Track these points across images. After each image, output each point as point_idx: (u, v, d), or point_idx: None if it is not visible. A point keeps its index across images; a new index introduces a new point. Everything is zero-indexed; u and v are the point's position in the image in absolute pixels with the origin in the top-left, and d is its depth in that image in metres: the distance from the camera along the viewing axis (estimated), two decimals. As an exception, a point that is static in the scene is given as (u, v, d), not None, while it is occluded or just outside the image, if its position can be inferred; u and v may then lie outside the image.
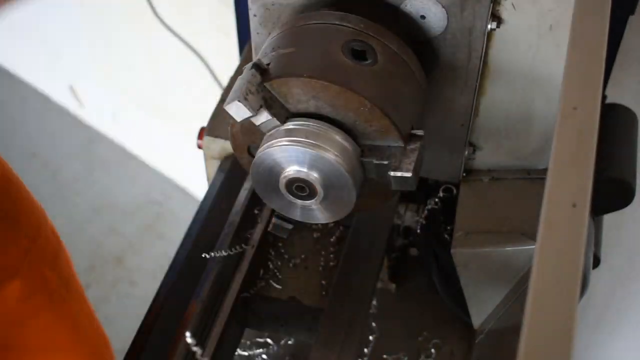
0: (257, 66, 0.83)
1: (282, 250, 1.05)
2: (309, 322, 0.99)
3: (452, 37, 0.92)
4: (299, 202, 0.88)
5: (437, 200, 1.09)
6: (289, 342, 1.08)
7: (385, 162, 0.84)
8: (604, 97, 1.11)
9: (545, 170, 1.02)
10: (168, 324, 0.92)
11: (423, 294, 0.93)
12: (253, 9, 0.96)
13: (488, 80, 0.99)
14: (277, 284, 1.05)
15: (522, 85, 0.98)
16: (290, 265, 1.04)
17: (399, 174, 0.84)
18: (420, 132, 0.86)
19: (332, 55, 0.85)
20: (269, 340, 1.08)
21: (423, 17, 0.91)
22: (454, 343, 1.06)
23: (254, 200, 1.07)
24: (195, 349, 0.87)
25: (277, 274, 1.06)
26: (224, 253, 0.99)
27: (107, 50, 2.63)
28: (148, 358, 0.88)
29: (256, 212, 1.08)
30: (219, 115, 1.23)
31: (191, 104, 2.50)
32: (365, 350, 1.07)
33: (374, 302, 1.10)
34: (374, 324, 1.10)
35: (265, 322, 1.01)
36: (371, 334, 1.08)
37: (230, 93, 0.82)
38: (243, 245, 1.02)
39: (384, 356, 1.06)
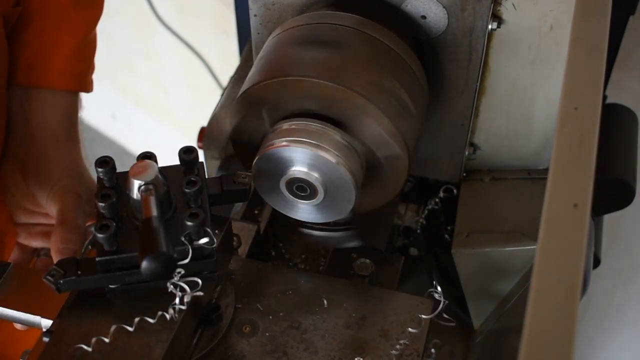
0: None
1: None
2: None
3: (452, 37, 0.92)
4: (300, 202, 0.88)
5: (437, 200, 1.09)
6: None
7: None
8: (604, 97, 1.11)
9: (545, 171, 1.03)
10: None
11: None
12: (254, 8, 0.96)
13: (488, 80, 0.99)
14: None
15: (523, 85, 0.98)
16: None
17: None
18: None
19: (332, 55, 0.85)
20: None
21: (424, 17, 0.91)
22: (454, 343, 1.06)
23: (254, 200, 1.07)
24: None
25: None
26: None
27: (107, 50, 2.62)
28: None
29: (256, 212, 1.09)
30: (219, 115, 1.23)
31: (191, 104, 2.50)
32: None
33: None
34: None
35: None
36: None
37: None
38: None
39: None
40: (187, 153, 0.84)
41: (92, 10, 1.04)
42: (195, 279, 0.78)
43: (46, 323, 0.83)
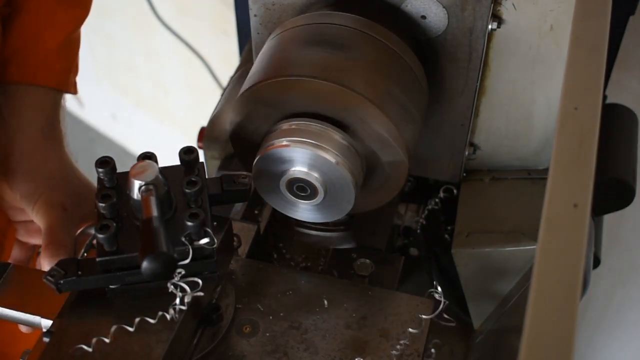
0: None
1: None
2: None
3: (452, 37, 0.92)
4: (300, 202, 0.88)
5: (437, 200, 1.09)
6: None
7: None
8: (604, 97, 1.11)
9: (545, 171, 1.03)
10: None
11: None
12: (254, 9, 0.96)
13: (488, 80, 0.99)
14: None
15: (523, 85, 0.98)
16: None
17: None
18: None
19: (332, 55, 0.85)
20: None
21: (424, 17, 0.91)
22: (454, 343, 1.06)
23: (254, 200, 1.07)
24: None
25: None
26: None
27: (107, 50, 2.63)
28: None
29: (256, 212, 1.09)
30: (219, 115, 1.23)
31: (191, 104, 2.51)
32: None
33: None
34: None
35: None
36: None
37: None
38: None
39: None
40: (187, 153, 0.84)
41: (78, 9, 1.02)
42: (196, 279, 0.78)
43: (46, 323, 0.83)
